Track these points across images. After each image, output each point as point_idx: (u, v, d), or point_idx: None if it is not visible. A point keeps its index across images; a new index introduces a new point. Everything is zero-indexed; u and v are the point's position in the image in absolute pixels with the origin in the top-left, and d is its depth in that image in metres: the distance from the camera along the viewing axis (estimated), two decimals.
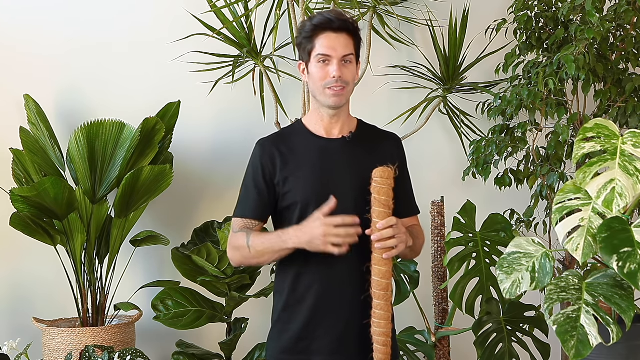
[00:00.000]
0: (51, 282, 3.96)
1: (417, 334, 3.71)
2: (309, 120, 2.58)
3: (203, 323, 3.69)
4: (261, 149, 2.55)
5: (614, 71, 3.58)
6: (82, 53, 4.05)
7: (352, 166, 2.51)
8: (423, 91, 4.10)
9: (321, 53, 2.47)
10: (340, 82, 2.47)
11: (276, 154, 2.53)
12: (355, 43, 2.51)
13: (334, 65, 2.46)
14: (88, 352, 3.50)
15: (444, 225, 3.88)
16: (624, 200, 2.66)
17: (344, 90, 2.49)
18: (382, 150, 2.59)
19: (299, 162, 2.51)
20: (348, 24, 2.49)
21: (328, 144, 2.54)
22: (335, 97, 2.48)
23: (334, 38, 2.47)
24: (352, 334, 2.50)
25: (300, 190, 2.49)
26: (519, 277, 2.73)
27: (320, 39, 2.47)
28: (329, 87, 2.48)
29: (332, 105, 2.50)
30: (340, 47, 2.47)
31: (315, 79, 2.49)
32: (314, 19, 2.50)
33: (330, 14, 2.51)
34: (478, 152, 3.75)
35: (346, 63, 2.48)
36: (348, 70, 2.49)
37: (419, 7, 4.08)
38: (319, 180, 2.49)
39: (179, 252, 3.71)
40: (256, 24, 3.92)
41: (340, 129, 2.56)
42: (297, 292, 2.52)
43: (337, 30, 2.47)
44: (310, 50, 2.49)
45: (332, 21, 2.47)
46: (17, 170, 3.75)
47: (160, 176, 3.66)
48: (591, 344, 2.57)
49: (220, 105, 4.11)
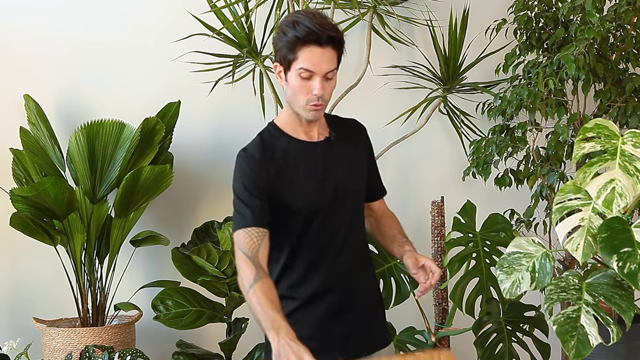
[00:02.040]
0: (51, 282, 3.96)
1: (417, 334, 3.71)
2: (285, 123, 2.47)
3: (203, 323, 3.69)
4: (250, 159, 2.42)
5: (614, 71, 3.58)
6: (82, 53, 4.05)
7: (342, 164, 2.49)
8: (423, 91, 4.10)
9: (304, 68, 2.32)
10: (320, 100, 2.36)
11: (268, 163, 2.41)
12: (338, 55, 2.37)
13: (317, 83, 2.33)
14: (88, 352, 3.50)
15: (444, 225, 3.88)
16: (624, 200, 2.67)
17: (323, 106, 2.39)
18: (360, 143, 2.57)
19: (294, 170, 2.43)
20: (334, 38, 2.33)
21: (315, 147, 2.46)
22: (314, 112, 2.38)
23: (319, 53, 2.32)
24: (361, 327, 2.50)
25: (303, 198, 2.42)
26: (519, 277, 2.73)
27: (304, 51, 2.31)
28: (310, 103, 2.36)
29: (310, 119, 2.42)
30: (325, 63, 2.33)
31: (294, 92, 2.37)
32: (298, 28, 2.31)
33: (316, 23, 2.31)
34: (478, 152, 3.75)
35: (328, 80, 2.36)
36: (329, 86, 2.37)
37: (419, 7, 4.08)
38: (318, 185, 2.45)
39: (179, 252, 3.71)
40: (256, 24, 3.92)
41: (317, 130, 2.50)
42: (305, 292, 2.48)
43: (323, 45, 2.32)
44: (291, 61, 2.34)
45: (318, 35, 2.30)
46: (17, 170, 3.75)
47: (160, 176, 3.66)
48: (591, 344, 2.57)
49: (220, 105, 4.10)
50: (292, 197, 2.42)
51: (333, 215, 2.45)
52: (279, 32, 2.37)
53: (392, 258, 3.65)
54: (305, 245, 2.45)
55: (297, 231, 2.44)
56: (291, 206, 2.42)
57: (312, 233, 2.44)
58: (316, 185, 2.44)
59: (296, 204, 2.42)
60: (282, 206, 2.41)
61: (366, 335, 2.52)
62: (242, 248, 2.35)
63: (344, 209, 2.46)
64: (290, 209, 2.42)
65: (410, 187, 4.22)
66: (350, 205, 2.48)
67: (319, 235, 2.44)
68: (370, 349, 2.52)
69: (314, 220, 2.43)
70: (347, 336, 2.48)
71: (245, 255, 2.33)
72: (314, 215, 2.43)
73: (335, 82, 2.40)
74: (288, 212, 2.43)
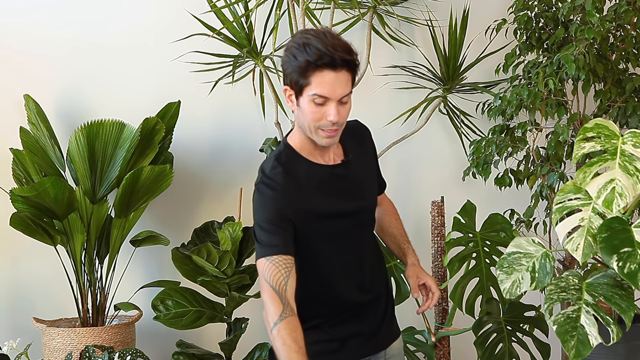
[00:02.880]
0: (51, 282, 3.97)
1: (417, 334, 3.71)
2: (301, 147, 2.36)
3: (203, 323, 3.69)
4: (275, 188, 2.28)
5: (614, 71, 3.58)
6: (82, 53, 4.05)
7: (362, 181, 2.45)
8: (423, 91, 4.10)
9: (318, 94, 2.20)
10: (336, 126, 2.25)
11: (293, 192, 2.29)
12: (353, 76, 2.25)
13: (333, 109, 2.21)
14: (88, 352, 3.50)
15: (444, 225, 3.88)
16: (624, 200, 2.66)
17: (339, 131, 2.29)
18: (368, 150, 2.54)
19: (319, 195, 2.33)
20: (349, 62, 2.21)
21: (335, 171, 2.37)
22: (329, 138, 2.28)
23: (334, 77, 2.19)
24: (376, 328, 2.51)
25: (333, 225, 2.35)
26: (519, 277, 2.73)
27: (318, 76, 2.18)
28: (323, 129, 2.26)
29: (324, 145, 2.30)
30: (340, 87, 2.20)
31: (307, 118, 2.25)
32: (309, 51, 2.17)
33: (328, 45, 2.18)
34: (478, 152, 3.75)
35: (343, 104, 2.24)
36: (345, 110, 2.25)
37: (419, 7, 4.08)
38: (346, 208, 2.38)
39: (179, 252, 3.71)
40: (256, 24, 3.92)
41: (333, 151, 2.40)
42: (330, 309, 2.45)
43: (337, 68, 2.19)
44: (303, 86, 2.21)
45: (332, 58, 2.17)
46: (17, 170, 3.75)
47: (160, 176, 3.66)
48: (591, 344, 2.57)
49: (220, 105, 4.10)
50: (321, 222, 2.34)
51: (354, 235, 2.42)
52: (288, 55, 2.24)
53: (392, 258, 3.65)
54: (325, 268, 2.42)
55: (317, 255, 2.37)
56: (317, 228, 2.34)
57: (332, 255, 2.39)
58: (343, 207, 2.38)
59: (321, 227, 2.34)
60: (307, 230, 2.32)
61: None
62: (268, 280, 2.24)
63: (362, 225, 2.46)
64: (315, 231, 2.34)
65: (410, 187, 4.22)
66: (366, 217, 2.48)
67: (341, 256, 2.41)
68: None
69: (345, 244, 2.39)
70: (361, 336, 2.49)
71: (272, 288, 2.23)
72: (344, 239, 2.39)
73: (350, 105, 2.28)
74: (321, 241, 2.35)
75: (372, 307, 2.50)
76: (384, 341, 2.54)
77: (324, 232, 2.35)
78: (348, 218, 2.40)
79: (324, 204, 2.34)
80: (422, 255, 3.88)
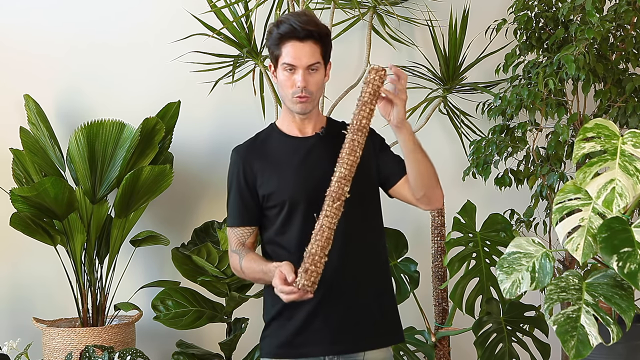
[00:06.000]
0: (51, 282, 3.96)
1: (417, 334, 3.71)
2: (282, 122, 2.62)
3: (203, 323, 3.69)
4: (238, 155, 2.61)
5: (614, 71, 3.58)
6: (82, 53, 4.05)
7: (330, 159, 2.50)
8: (423, 91, 4.10)
9: (286, 62, 2.48)
10: (305, 92, 2.49)
11: (253, 159, 2.58)
12: (322, 49, 2.50)
13: (299, 75, 2.47)
14: (88, 352, 3.50)
15: (444, 225, 3.88)
16: (624, 200, 2.66)
17: (310, 99, 2.51)
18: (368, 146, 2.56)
19: (278, 164, 2.56)
20: (313, 33, 2.47)
21: (303, 142, 2.57)
22: (301, 104, 2.51)
23: (300, 47, 2.47)
24: (350, 322, 2.54)
25: (284, 191, 2.52)
26: (519, 277, 2.73)
27: (287, 47, 2.48)
28: (295, 95, 2.50)
29: (299, 112, 2.54)
30: (306, 56, 2.47)
31: (282, 86, 2.52)
32: (281, 27, 2.48)
33: (298, 20, 2.48)
34: (478, 152, 3.75)
35: (312, 72, 2.49)
36: (313, 79, 2.50)
37: (419, 7, 4.08)
38: (301, 177, 2.53)
39: (179, 252, 3.71)
40: (256, 24, 3.92)
41: (313, 127, 2.59)
42: None
43: (302, 39, 2.47)
44: (277, 57, 2.51)
45: (297, 30, 2.46)
46: (17, 170, 3.75)
47: (160, 176, 3.66)
48: (591, 344, 2.57)
49: (220, 105, 4.11)
50: (274, 187, 2.53)
51: (316, 210, 2.45)
52: (267, 33, 2.55)
53: (392, 258, 3.65)
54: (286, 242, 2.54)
55: (278, 226, 2.54)
56: (273, 198, 2.53)
57: (293, 227, 2.52)
58: (298, 175, 2.53)
59: (278, 194, 2.52)
60: (268, 199, 2.54)
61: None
62: (231, 246, 2.62)
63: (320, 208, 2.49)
64: (273, 202, 2.53)
65: None
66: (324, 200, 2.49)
67: (302, 229, 2.49)
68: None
69: (296, 211, 2.51)
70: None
71: (232, 251, 2.61)
72: (294, 206, 2.51)
73: (322, 75, 2.53)
74: (273, 206, 2.54)
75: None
76: None
77: (278, 199, 2.53)
78: (303, 188, 2.51)
79: (280, 170, 2.54)
80: (422, 255, 3.91)
